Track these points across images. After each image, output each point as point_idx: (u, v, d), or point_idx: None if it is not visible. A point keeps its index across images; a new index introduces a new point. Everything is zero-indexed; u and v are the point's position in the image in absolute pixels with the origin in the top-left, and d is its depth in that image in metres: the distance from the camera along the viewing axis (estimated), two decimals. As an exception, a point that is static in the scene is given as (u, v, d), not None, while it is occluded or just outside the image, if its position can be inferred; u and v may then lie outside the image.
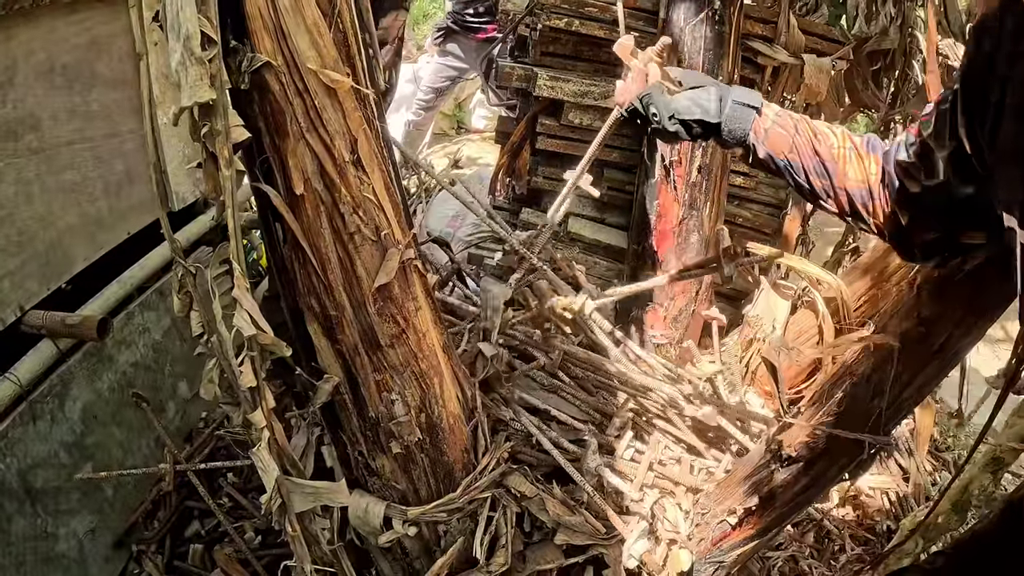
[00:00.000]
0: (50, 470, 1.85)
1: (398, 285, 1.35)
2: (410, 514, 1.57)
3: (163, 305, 2.18)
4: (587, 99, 2.55)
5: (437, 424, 1.52)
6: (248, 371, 1.21)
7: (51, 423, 1.85)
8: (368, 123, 1.29)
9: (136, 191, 2.12)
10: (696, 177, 2.16)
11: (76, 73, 1.92)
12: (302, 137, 1.22)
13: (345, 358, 1.39)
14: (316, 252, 1.29)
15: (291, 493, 1.34)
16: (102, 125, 2.00)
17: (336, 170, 1.25)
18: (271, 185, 1.26)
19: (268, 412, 1.26)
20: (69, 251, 1.93)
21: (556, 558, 1.74)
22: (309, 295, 1.34)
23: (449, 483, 1.61)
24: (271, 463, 1.28)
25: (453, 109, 6.57)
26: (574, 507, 1.69)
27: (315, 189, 1.25)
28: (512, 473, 1.73)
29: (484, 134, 6.31)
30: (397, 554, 1.74)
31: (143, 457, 2.10)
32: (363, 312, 1.34)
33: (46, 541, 1.83)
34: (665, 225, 2.31)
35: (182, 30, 1.08)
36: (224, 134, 1.13)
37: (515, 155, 2.78)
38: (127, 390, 2.05)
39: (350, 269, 1.31)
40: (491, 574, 1.73)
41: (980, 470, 1.86)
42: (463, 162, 5.32)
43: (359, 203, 1.28)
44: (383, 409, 1.45)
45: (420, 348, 1.43)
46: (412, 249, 1.36)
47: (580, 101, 2.55)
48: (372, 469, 1.56)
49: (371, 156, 1.29)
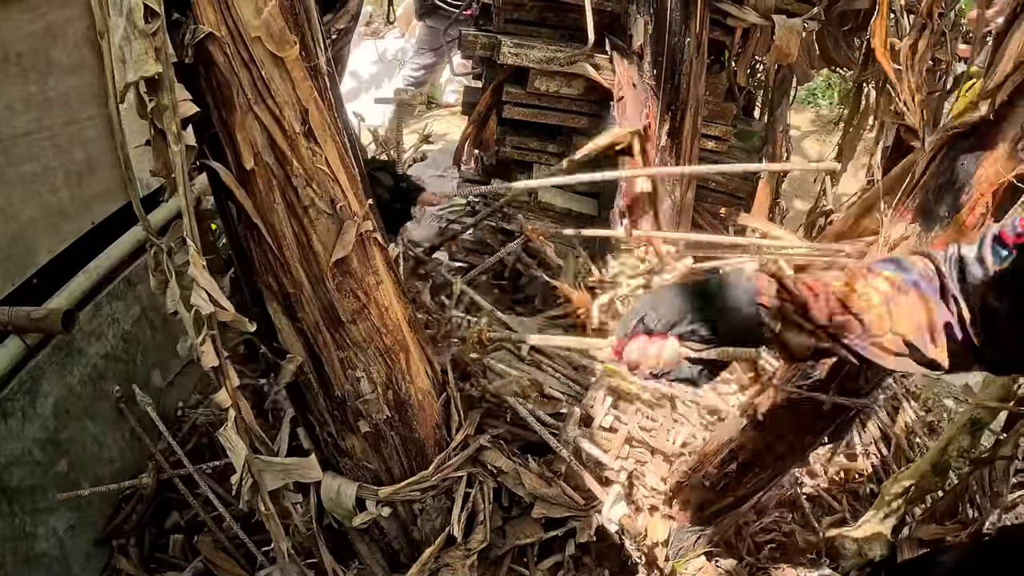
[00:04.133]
0: (24, 468, 1.82)
1: (357, 258, 1.32)
2: (382, 494, 1.55)
3: (131, 294, 2.14)
4: (553, 65, 2.50)
5: (406, 401, 1.49)
6: (209, 350, 1.18)
7: (23, 420, 1.81)
8: (319, 93, 1.26)
9: (98, 179, 2.08)
10: (666, 141, 2.13)
11: (31, 61, 1.87)
12: (250, 110, 1.19)
13: (307, 337, 1.37)
14: (270, 229, 1.26)
15: (262, 472, 1.32)
16: (60, 113, 1.96)
17: (287, 142, 1.21)
18: (221, 162, 1.23)
19: (233, 391, 1.24)
20: (32, 244, 1.89)
21: (535, 532, 1.73)
22: (266, 273, 1.31)
23: (422, 461, 1.59)
24: (239, 442, 1.26)
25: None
26: (551, 479, 1.68)
27: (266, 163, 1.22)
28: (488, 449, 1.71)
29: (454, 108, 6.27)
30: (375, 535, 1.72)
31: (119, 450, 2.07)
32: (322, 288, 1.31)
33: (25, 541, 1.81)
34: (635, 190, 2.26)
35: (124, 4, 1.05)
36: (172, 108, 1.10)
37: (481, 125, 2.74)
38: (99, 383, 2.02)
39: (306, 244, 1.28)
40: (470, 551, 1.72)
41: (959, 431, 1.85)
42: (433, 137, 5.27)
43: (312, 175, 1.25)
44: (349, 388, 1.43)
45: (383, 323, 1.40)
46: (370, 221, 1.33)
47: (546, 68, 2.51)
48: (342, 449, 1.54)
49: (323, 127, 1.26)
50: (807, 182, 4.85)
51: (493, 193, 2.45)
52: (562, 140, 2.60)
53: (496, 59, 2.54)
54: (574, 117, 2.50)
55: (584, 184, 2.62)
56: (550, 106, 2.51)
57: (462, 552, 1.71)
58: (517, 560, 1.87)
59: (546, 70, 2.48)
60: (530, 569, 1.85)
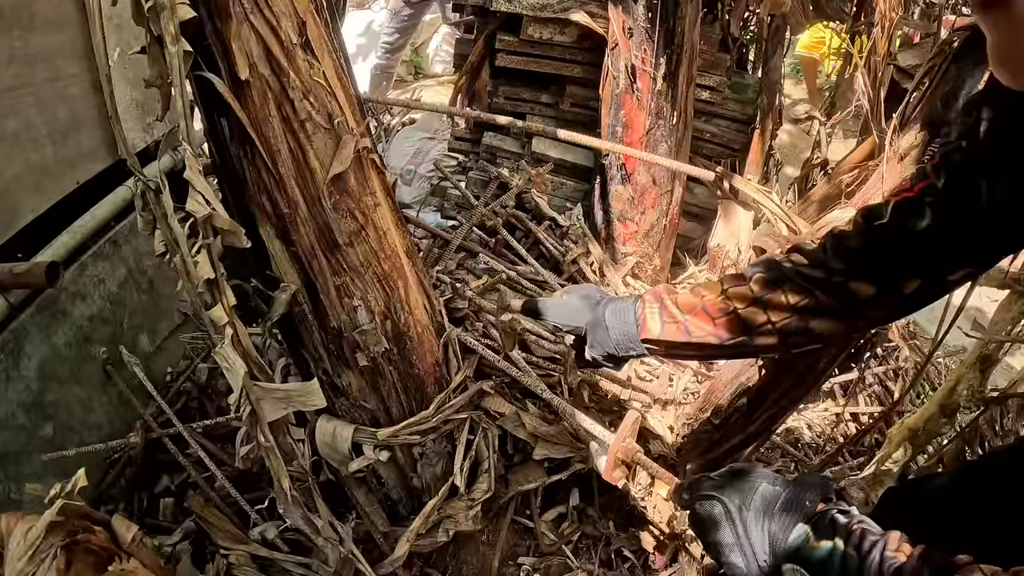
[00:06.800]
0: (8, 432, 1.76)
1: (354, 176, 1.29)
2: (380, 436, 1.50)
3: (117, 255, 2.09)
4: (547, 12, 2.46)
5: (404, 332, 1.45)
6: (204, 261, 1.14)
7: (6, 382, 1.76)
8: (317, 9, 1.24)
9: (84, 138, 2.03)
10: (662, 85, 2.11)
11: (15, 16, 1.84)
12: (246, 19, 1.16)
13: (302, 262, 1.32)
14: (265, 143, 1.22)
15: (260, 400, 1.26)
16: (44, 69, 1.92)
17: (284, 53, 1.18)
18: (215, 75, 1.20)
19: (229, 309, 1.19)
20: (16, 203, 1.84)
21: (539, 476, 1.69)
22: (260, 194, 1.27)
23: (421, 399, 1.54)
24: (237, 360, 1.20)
25: (411, 55, 6.54)
26: (551, 420, 1.64)
27: (261, 75, 1.19)
28: (490, 396, 1.67)
29: (441, 78, 6.29)
30: (372, 484, 1.67)
31: (106, 414, 2.01)
32: (318, 207, 1.27)
33: (11, 508, 1.74)
34: (632, 136, 2.25)
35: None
36: (169, 9, 1.07)
37: (474, 76, 2.70)
38: (85, 345, 1.96)
39: (302, 160, 1.24)
40: (473, 502, 1.67)
41: (968, 368, 1.83)
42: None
43: (309, 88, 1.22)
44: (345, 317, 1.38)
45: (381, 247, 1.36)
46: (368, 139, 1.29)
47: (539, 14, 2.47)
48: (338, 388, 1.49)
49: (321, 41, 1.23)
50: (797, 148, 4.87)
51: (485, 147, 2.41)
52: (555, 90, 2.57)
53: (489, 6, 2.51)
54: (568, 65, 2.47)
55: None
56: (543, 54, 2.48)
57: (465, 503, 1.66)
58: (520, 512, 1.83)
59: (539, 17, 2.45)
60: (534, 520, 1.81)
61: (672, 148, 2.22)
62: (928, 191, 1.02)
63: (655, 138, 2.20)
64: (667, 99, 2.13)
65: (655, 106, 2.14)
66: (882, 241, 1.07)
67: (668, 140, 2.20)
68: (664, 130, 2.19)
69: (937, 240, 1.02)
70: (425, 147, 3.34)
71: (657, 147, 2.22)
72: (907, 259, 1.06)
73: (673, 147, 2.21)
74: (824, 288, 1.11)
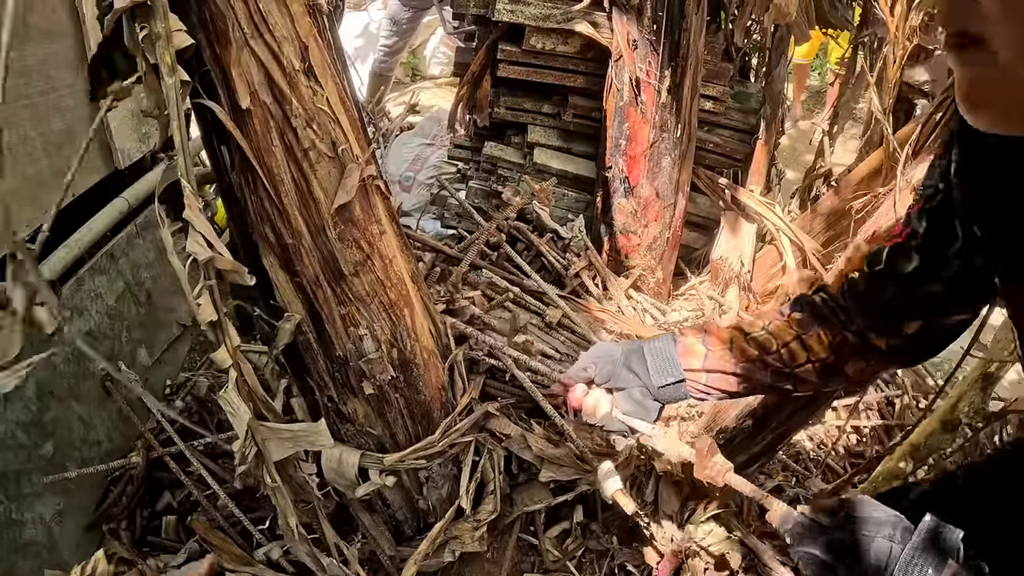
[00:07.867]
0: (8, 452, 1.74)
1: (359, 205, 1.26)
2: (387, 462, 1.48)
3: (115, 268, 2.06)
4: (550, 22, 2.42)
5: (411, 360, 1.43)
6: (206, 303, 1.12)
7: (4, 402, 1.73)
8: (319, 32, 1.20)
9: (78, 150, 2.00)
10: (666, 98, 2.08)
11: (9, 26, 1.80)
12: (246, 44, 1.12)
13: (306, 292, 1.30)
14: (267, 173, 1.19)
15: (267, 440, 1.24)
16: (39, 80, 1.88)
17: (286, 80, 1.15)
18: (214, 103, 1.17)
19: (233, 349, 1.17)
20: (11, 216, 1.81)
21: (544, 497, 1.68)
22: (263, 223, 1.24)
23: (427, 424, 1.53)
24: (241, 405, 1.18)
25: (408, 56, 6.47)
26: (558, 441, 1.62)
27: (263, 102, 1.16)
28: (495, 417, 1.66)
29: (439, 80, 6.23)
30: (378, 507, 1.66)
31: (106, 431, 1.99)
32: (323, 238, 1.25)
33: (12, 529, 1.72)
34: (636, 149, 2.22)
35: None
36: (165, 37, 1.03)
37: (475, 86, 2.66)
38: (83, 361, 1.94)
39: (306, 190, 1.21)
40: (479, 523, 1.66)
41: (970, 386, 1.83)
42: (419, 108, 5.23)
43: (312, 116, 1.19)
44: (351, 346, 1.36)
45: (387, 276, 1.34)
46: (373, 166, 1.27)
47: (542, 24, 2.42)
48: (344, 415, 1.47)
49: (324, 66, 1.20)
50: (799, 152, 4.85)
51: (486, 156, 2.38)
52: (557, 100, 2.54)
53: (490, 16, 2.46)
54: (571, 76, 2.43)
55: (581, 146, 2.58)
56: (546, 64, 2.44)
57: (471, 524, 1.65)
58: (524, 529, 1.82)
59: (542, 27, 2.40)
60: (538, 537, 1.80)
61: (676, 161, 2.19)
62: (912, 236, 1.05)
63: (659, 151, 2.18)
64: (671, 111, 2.10)
65: (659, 119, 2.12)
66: (881, 285, 1.10)
67: (672, 153, 2.18)
68: (668, 143, 2.16)
69: (928, 281, 1.05)
70: (424, 153, 3.32)
71: (661, 160, 2.20)
72: (904, 301, 1.09)
73: (677, 160, 2.19)
74: (850, 330, 1.14)
